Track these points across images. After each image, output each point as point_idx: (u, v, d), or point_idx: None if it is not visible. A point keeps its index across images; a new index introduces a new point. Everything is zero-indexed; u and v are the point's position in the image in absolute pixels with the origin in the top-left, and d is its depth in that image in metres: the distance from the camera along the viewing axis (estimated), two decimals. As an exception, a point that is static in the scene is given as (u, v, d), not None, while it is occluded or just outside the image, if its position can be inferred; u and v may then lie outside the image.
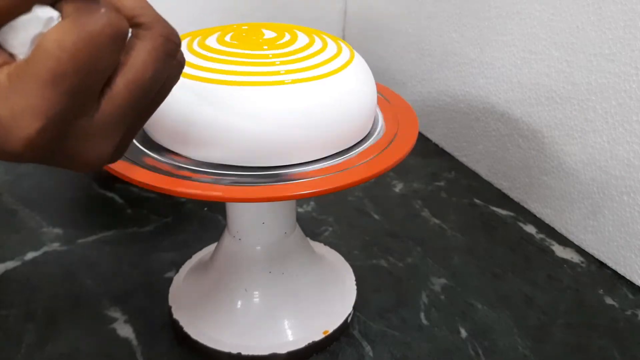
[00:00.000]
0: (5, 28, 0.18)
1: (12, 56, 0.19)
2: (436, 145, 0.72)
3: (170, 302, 0.43)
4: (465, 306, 0.46)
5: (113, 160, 0.22)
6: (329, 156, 0.34)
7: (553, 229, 0.56)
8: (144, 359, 0.40)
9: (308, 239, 0.45)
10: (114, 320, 0.44)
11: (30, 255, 0.50)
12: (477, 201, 0.61)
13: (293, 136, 0.32)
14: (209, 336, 0.40)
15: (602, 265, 0.51)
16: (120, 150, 0.22)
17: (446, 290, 0.48)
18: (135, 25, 0.21)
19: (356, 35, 0.85)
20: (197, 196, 0.30)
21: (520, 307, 0.46)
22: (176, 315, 0.42)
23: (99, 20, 0.19)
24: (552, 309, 0.46)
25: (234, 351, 0.39)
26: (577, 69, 0.50)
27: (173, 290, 0.45)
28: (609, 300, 0.47)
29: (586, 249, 0.53)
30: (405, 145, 0.35)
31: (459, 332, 0.44)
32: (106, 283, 0.47)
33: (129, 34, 0.21)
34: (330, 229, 0.55)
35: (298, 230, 0.42)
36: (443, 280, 0.49)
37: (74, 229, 0.54)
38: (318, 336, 0.41)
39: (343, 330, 0.43)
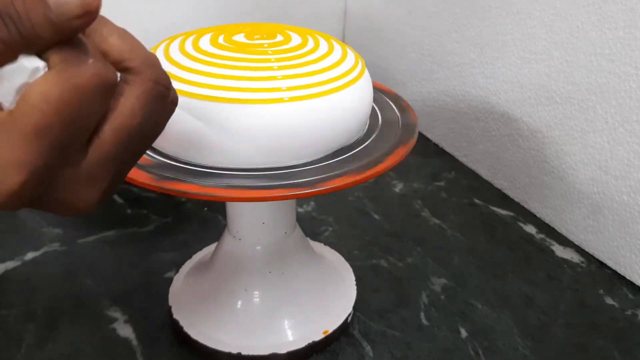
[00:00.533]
0: None
1: None
2: (436, 145, 0.72)
3: (170, 302, 0.43)
4: (465, 306, 0.46)
5: (102, 203, 0.22)
6: (328, 156, 0.34)
7: (553, 229, 0.56)
8: (144, 359, 0.40)
9: (308, 239, 0.45)
10: (114, 320, 0.44)
11: (30, 255, 0.50)
12: (477, 201, 0.61)
13: (292, 143, 0.32)
14: (209, 336, 0.40)
15: (602, 265, 0.51)
16: (109, 193, 0.22)
17: (446, 290, 0.48)
18: (124, 69, 0.21)
19: (356, 35, 0.85)
20: (197, 196, 0.30)
21: (520, 307, 0.46)
22: (176, 315, 0.42)
23: (86, 72, 0.18)
24: (552, 309, 0.46)
25: (234, 351, 0.39)
26: (577, 69, 0.50)
27: (173, 290, 0.45)
28: (609, 300, 0.47)
29: (586, 249, 0.53)
30: (405, 145, 0.35)
31: (459, 332, 0.44)
32: (106, 283, 0.47)
33: (118, 78, 0.20)
34: (330, 229, 0.55)
35: (298, 230, 0.42)
36: (443, 280, 0.49)
37: (74, 229, 0.54)
38: (318, 336, 0.41)
39: (343, 330, 0.43)
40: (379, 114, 0.39)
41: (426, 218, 0.58)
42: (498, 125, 0.61)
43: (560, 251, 0.53)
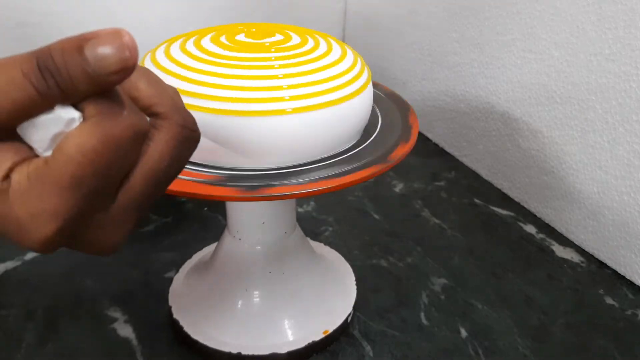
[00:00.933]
0: (26, 124, 0.18)
1: (31, 149, 0.19)
2: (436, 145, 0.72)
3: (170, 302, 0.43)
4: (465, 306, 0.46)
5: (124, 242, 0.22)
6: (328, 156, 0.34)
7: (553, 229, 0.56)
8: (144, 359, 0.40)
9: (308, 238, 0.45)
10: (114, 320, 0.44)
11: (30, 255, 0.50)
12: (477, 201, 0.61)
13: (292, 147, 0.32)
14: (209, 336, 0.40)
15: (602, 265, 0.51)
16: (133, 231, 0.22)
17: (446, 290, 0.48)
18: (153, 114, 0.21)
19: (356, 35, 0.85)
20: (197, 196, 0.30)
21: (520, 307, 0.46)
22: (176, 315, 0.42)
23: (121, 124, 0.18)
24: (552, 309, 0.46)
25: (234, 351, 0.39)
26: (577, 69, 0.50)
27: (173, 290, 0.45)
28: (609, 300, 0.47)
29: (586, 249, 0.53)
30: (405, 145, 0.35)
31: (459, 332, 0.43)
32: (106, 283, 0.47)
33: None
34: (330, 229, 0.55)
35: (298, 230, 0.42)
36: (443, 280, 0.49)
37: (74, 229, 0.54)
38: (318, 336, 0.41)
39: (343, 330, 0.43)
40: (378, 113, 0.39)
41: (426, 218, 0.58)
42: (498, 125, 0.61)
43: (560, 251, 0.53)
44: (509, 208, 0.59)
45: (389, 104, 0.41)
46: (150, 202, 0.21)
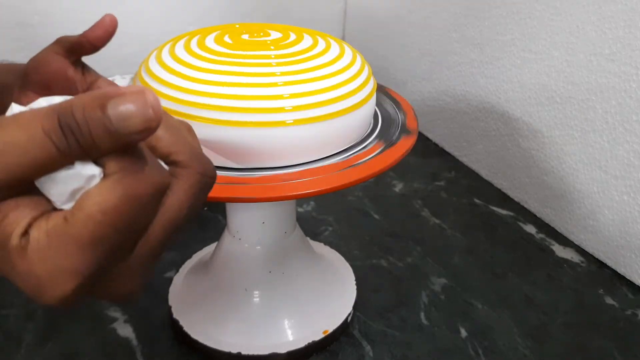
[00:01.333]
0: (45, 178, 0.18)
1: (49, 201, 0.18)
2: (436, 145, 0.72)
3: (170, 302, 0.43)
4: (465, 306, 0.46)
5: (141, 292, 0.22)
6: (328, 156, 0.34)
7: (553, 228, 0.56)
8: (144, 359, 0.40)
9: (308, 238, 0.45)
10: (114, 320, 0.44)
11: (30, 255, 0.50)
12: (477, 201, 0.61)
13: (292, 149, 0.32)
14: (208, 336, 0.40)
15: (602, 265, 0.51)
16: (148, 281, 0.22)
17: (446, 290, 0.48)
18: (171, 162, 0.21)
19: (356, 35, 0.85)
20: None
21: (520, 307, 0.46)
22: (176, 315, 0.42)
23: (142, 181, 0.18)
24: (552, 309, 0.46)
25: (234, 351, 0.39)
26: (577, 69, 0.50)
27: (173, 290, 0.45)
28: (609, 300, 0.47)
29: (586, 249, 0.53)
30: (404, 145, 0.35)
31: (459, 332, 0.43)
32: (106, 283, 0.47)
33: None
34: (330, 228, 0.55)
35: (298, 230, 0.42)
36: (443, 280, 0.49)
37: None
38: (318, 336, 0.41)
39: (343, 330, 0.43)
40: (378, 113, 0.39)
41: (426, 218, 0.58)
42: (498, 125, 0.61)
43: (560, 251, 0.53)
44: (509, 208, 0.59)
45: (389, 104, 0.41)
46: (165, 249, 0.21)
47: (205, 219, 0.56)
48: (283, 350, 0.40)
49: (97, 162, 0.18)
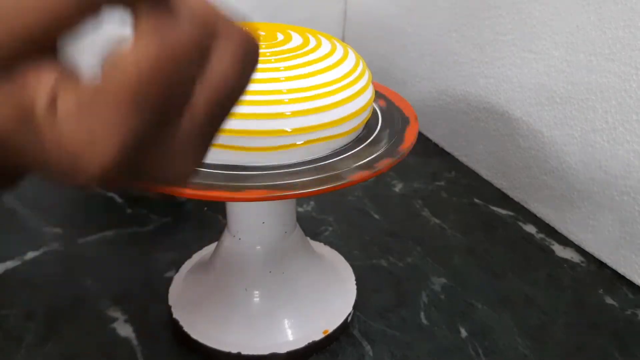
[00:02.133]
0: (69, 40, 0.16)
1: (75, 68, 0.16)
2: (436, 145, 0.72)
3: (170, 302, 0.43)
4: (465, 306, 0.46)
5: (190, 179, 0.20)
6: (328, 155, 0.34)
7: (553, 228, 0.56)
8: (144, 359, 0.40)
9: (308, 238, 0.45)
10: (114, 320, 0.44)
11: (30, 255, 0.50)
12: (477, 201, 0.61)
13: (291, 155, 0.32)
14: (208, 336, 0.40)
15: (602, 265, 0.51)
16: (200, 163, 0.20)
17: (446, 290, 0.48)
18: (209, 24, 0.18)
19: (356, 35, 0.85)
20: (197, 196, 0.30)
21: (520, 307, 0.46)
22: (176, 315, 0.42)
23: (181, 33, 0.16)
24: (552, 309, 0.46)
25: (234, 351, 0.39)
26: (577, 69, 0.50)
27: (173, 290, 0.45)
28: (609, 300, 0.47)
29: (586, 249, 0.53)
30: (405, 145, 0.35)
31: (459, 332, 0.43)
32: (106, 283, 0.47)
33: None
34: (330, 228, 0.55)
35: (298, 229, 0.42)
36: (443, 280, 0.49)
37: (74, 229, 0.54)
38: (318, 336, 0.41)
39: (343, 330, 0.43)
40: (378, 113, 0.39)
41: (426, 218, 0.58)
42: (498, 125, 0.61)
43: (560, 251, 0.53)
44: (509, 208, 0.59)
45: (389, 104, 0.41)
46: (215, 130, 0.19)
47: (205, 219, 0.56)
48: (283, 350, 0.40)
49: (126, 18, 0.16)
